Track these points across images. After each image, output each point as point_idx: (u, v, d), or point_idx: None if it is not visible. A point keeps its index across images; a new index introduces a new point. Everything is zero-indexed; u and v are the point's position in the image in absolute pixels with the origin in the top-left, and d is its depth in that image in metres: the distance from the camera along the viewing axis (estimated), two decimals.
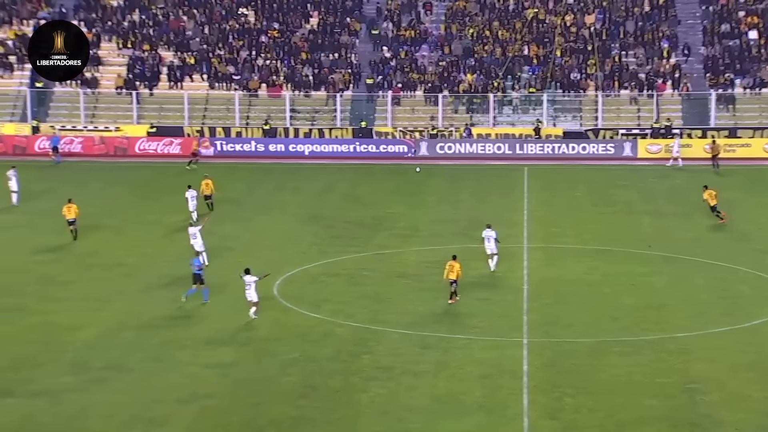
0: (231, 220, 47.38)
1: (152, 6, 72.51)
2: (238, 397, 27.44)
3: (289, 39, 71.27)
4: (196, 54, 69.71)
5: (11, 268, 39.03)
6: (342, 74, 69.29)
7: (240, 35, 71.36)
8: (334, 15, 73.12)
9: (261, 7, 73.14)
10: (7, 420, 25.70)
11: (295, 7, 73.53)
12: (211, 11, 72.59)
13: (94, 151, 63.75)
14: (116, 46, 70.26)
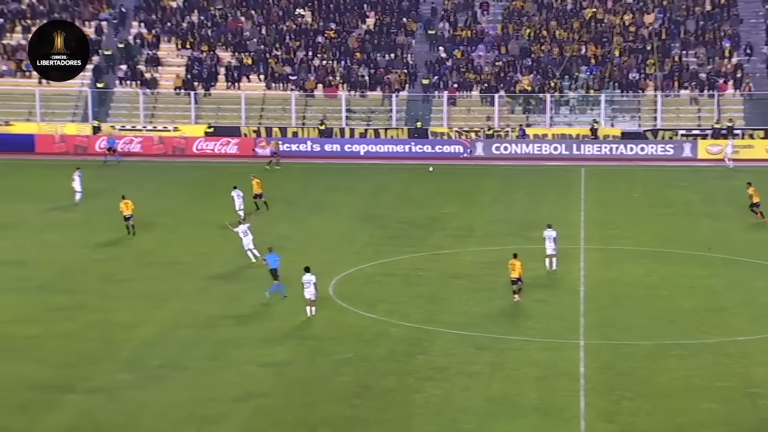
0: (285, 219, 47.55)
1: (211, 7, 73.09)
2: (292, 396, 27.46)
3: (346, 39, 71.39)
4: (253, 54, 70.12)
5: (72, 266, 39.51)
6: (398, 74, 69.24)
7: (297, 36, 71.63)
8: (391, 15, 73.10)
9: (318, 7, 73.36)
10: (67, 416, 25.99)
11: (352, 7, 73.63)
12: (269, 12, 72.97)
13: (152, 151, 64.39)
14: (175, 47, 70.91)
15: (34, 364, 29.15)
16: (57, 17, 71.28)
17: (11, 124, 65.75)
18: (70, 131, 65.32)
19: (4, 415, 25.78)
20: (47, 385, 27.69)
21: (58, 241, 43.10)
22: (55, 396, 27.03)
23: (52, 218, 46.93)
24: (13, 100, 67.54)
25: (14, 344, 30.81)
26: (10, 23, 70.64)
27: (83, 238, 43.64)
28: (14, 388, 27.35)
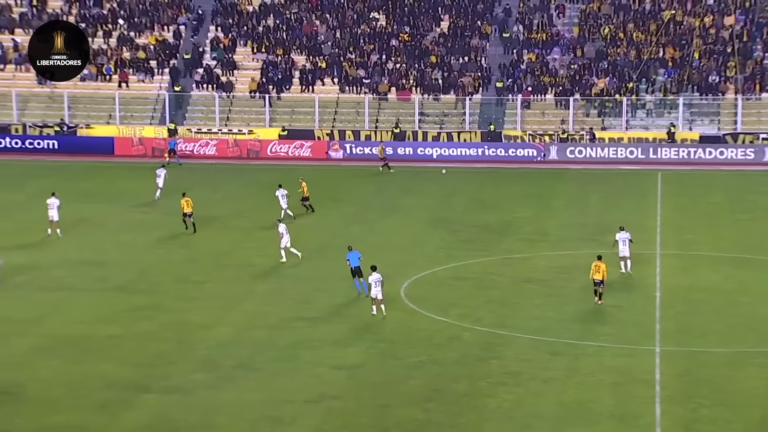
0: (357, 222, 47.71)
1: (286, 11, 73.69)
2: (364, 398, 27.50)
3: (420, 42, 71.39)
4: (327, 58, 70.51)
5: (149, 267, 40.10)
6: (472, 77, 69.02)
7: (371, 39, 71.85)
8: (465, 18, 72.91)
9: (392, 11, 73.49)
10: (143, 415, 26.38)
11: (427, 10, 73.63)
12: (343, 16, 73.31)
13: (227, 154, 65.12)
14: (251, 51, 71.64)
15: (112, 364, 29.65)
16: (137, 22, 72.56)
17: (92, 126, 67.05)
18: (148, 134, 66.40)
19: (83, 413, 26.27)
20: (125, 385, 28.14)
21: (136, 242, 43.80)
22: (133, 395, 27.46)
23: (131, 219, 47.71)
24: (93, 103, 68.88)
25: (93, 344, 31.37)
26: (92, 28, 72.04)
27: (160, 239, 44.29)
28: (93, 387, 27.85)
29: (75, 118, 67.77)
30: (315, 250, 41.56)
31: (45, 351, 30.70)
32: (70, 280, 37.86)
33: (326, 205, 51.30)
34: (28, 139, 65.67)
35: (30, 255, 41.25)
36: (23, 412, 26.25)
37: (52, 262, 40.04)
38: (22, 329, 32.55)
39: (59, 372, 29.03)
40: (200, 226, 45.67)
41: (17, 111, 67.50)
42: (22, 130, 66.47)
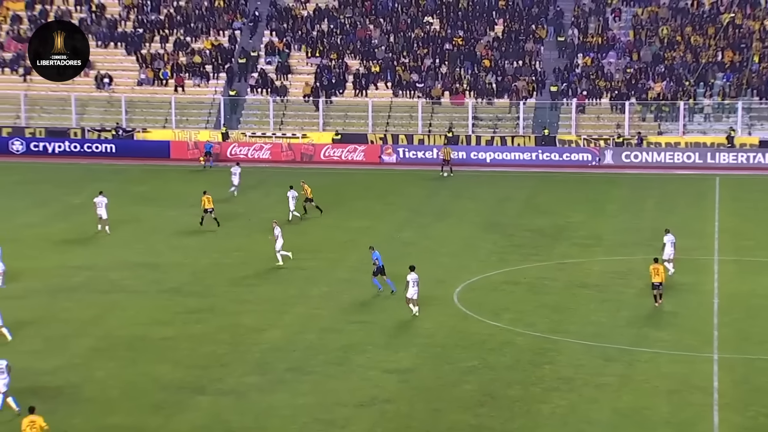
0: (409, 226, 47.71)
1: (340, 15, 73.96)
2: (416, 402, 27.47)
3: (474, 47, 71.24)
4: (381, 62, 70.65)
5: (203, 270, 40.42)
6: (526, 82, 68.72)
7: (424, 43, 71.86)
8: (520, 22, 72.62)
9: (446, 15, 73.43)
10: (198, 416, 26.60)
11: (481, 14, 73.45)
12: (397, 20, 73.41)
13: (281, 158, 65.51)
14: (305, 55, 72.02)
15: (167, 366, 29.93)
16: (194, 27, 73.30)
17: (148, 131, 67.87)
18: (203, 138, 67.02)
19: (139, 414, 26.55)
20: (179, 386, 28.39)
21: (191, 244, 44.21)
22: (187, 397, 27.70)
23: (185, 222, 48.15)
24: (150, 107, 69.70)
25: (148, 346, 31.69)
26: (149, 33, 72.93)
27: (214, 242, 44.64)
28: (148, 389, 28.13)
29: (132, 122, 68.65)
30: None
31: (101, 352, 31.09)
32: (126, 282, 38.30)
33: (379, 210, 51.39)
34: (87, 142, 66.64)
35: (87, 257, 41.83)
36: (80, 412, 26.59)
37: (108, 264, 40.55)
38: (80, 330, 33.01)
39: (115, 373, 29.37)
40: (254, 230, 46.04)
41: (76, 115, 68.53)
42: (81, 134, 67.46)
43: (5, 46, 71.91)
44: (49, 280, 38.34)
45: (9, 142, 66.20)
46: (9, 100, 69.13)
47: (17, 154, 65.68)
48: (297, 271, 40.10)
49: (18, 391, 27.85)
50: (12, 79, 70.22)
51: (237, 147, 66.07)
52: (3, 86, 70.11)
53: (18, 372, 29.14)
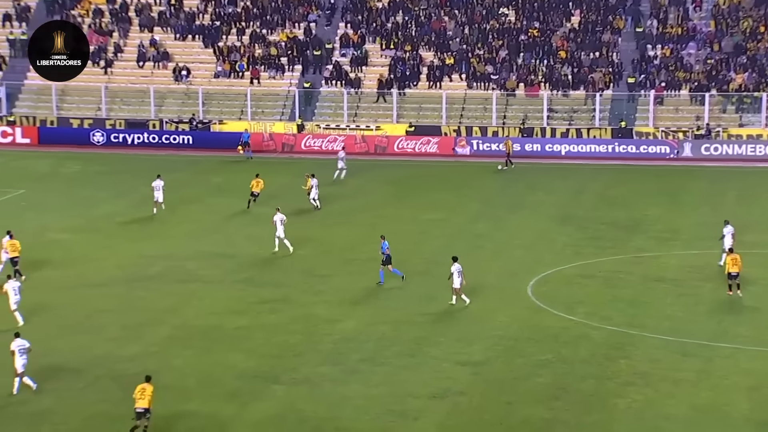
0: (483, 218, 47.47)
1: (415, 7, 73.84)
2: (489, 395, 27.33)
3: (549, 38, 70.55)
4: (455, 54, 70.36)
5: (277, 260, 40.70)
6: (602, 73, 67.85)
7: (500, 35, 71.38)
8: (597, 13, 71.72)
9: (522, 6, 72.84)
10: (272, 405, 26.82)
11: (557, 5, 72.69)
12: (472, 11, 73.03)
13: (354, 149, 65.63)
14: (379, 47, 72.06)
15: (241, 355, 30.22)
16: (270, 19, 73.82)
17: (224, 122, 68.59)
18: (278, 129, 67.49)
19: (214, 402, 26.86)
20: (254, 375, 28.66)
21: (265, 235, 44.47)
22: (262, 386, 27.94)
23: (260, 213, 48.50)
24: (226, 99, 70.41)
25: (223, 335, 32.04)
26: (226, 26, 73.66)
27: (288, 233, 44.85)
28: (223, 378, 28.44)
29: (209, 114, 69.41)
30: (441, 247, 41.46)
31: (178, 341, 31.52)
32: (201, 272, 38.76)
33: (452, 202, 51.24)
34: (165, 134, 67.60)
35: (164, 247, 42.43)
36: (158, 399, 26.89)
37: (185, 254, 41.07)
38: (158, 319, 33.50)
39: (191, 361, 29.75)
40: (330, 222, 46.24)
41: (154, 107, 69.55)
42: (159, 126, 68.46)
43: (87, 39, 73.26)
44: (127, 269, 38.97)
45: (90, 134, 67.48)
46: (90, 92, 70.43)
47: (98, 145, 66.91)
48: (370, 263, 40.10)
49: (97, 378, 28.42)
50: (93, 71, 71.47)
51: (311, 139, 66.41)
52: (85, 79, 71.27)
53: (98, 359, 29.75)
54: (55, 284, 36.94)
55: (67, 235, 44.04)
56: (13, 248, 37.34)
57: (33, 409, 26.36)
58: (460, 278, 34.03)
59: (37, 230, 44.55)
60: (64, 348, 30.65)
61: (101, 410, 26.34)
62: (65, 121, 68.78)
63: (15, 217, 47.17)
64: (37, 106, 70.39)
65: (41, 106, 70.26)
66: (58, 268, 38.95)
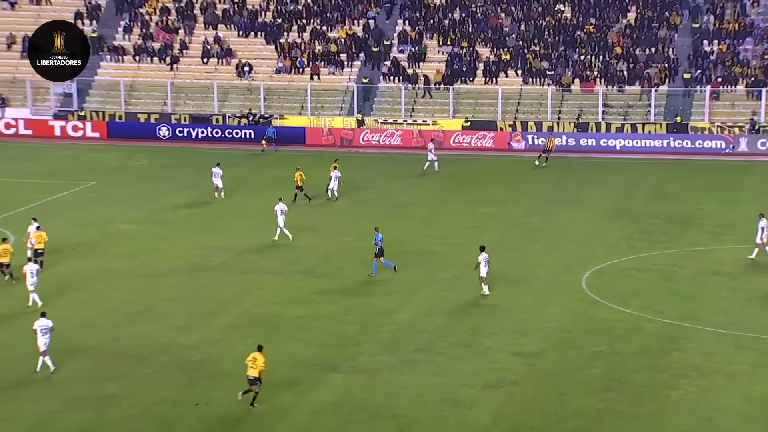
0: (537, 212, 47.19)
1: (472, 4, 73.54)
2: (543, 386, 27.21)
3: (605, 34, 69.84)
4: (511, 50, 69.97)
5: (335, 252, 40.88)
6: (658, 69, 67.00)
7: (555, 31, 70.82)
8: (653, 9, 70.82)
9: (578, 2, 72.20)
10: (331, 393, 26.97)
11: (613, 2, 71.93)
12: (529, 8, 72.54)
13: (411, 144, 65.60)
14: (437, 44, 71.90)
15: (300, 344, 30.43)
16: (329, 16, 74.02)
17: (285, 117, 68.96)
18: (337, 124, 67.70)
19: (274, 389, 27.05)
20: (312, 363, 28.84)
21: (323, 227, 44.76)
22: (320, 374, 28.10)
23: (318, 206, 48.77)
24: (287, 95, 70.75)
25: (283, 324, 32.27)
26: (287, 23, 74.02)
27: (345, 225, 45.09)
28: (283, 365, 28.63)
29: (270, 109, 69.83)
30: (495, 240, 41.30)
31: (239, 329, 31.80)
32: (262, 263, 39.05)
33: (506, 196, 51.01)
34: (227, 128, 68.17)
35: (227, 238, 42.81)
36: (220, 386, 27.29)
37: (246, 246, 41.40)
38: (220, 308, 33.84)
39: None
40: (384, 214, 46.36)
41: (217, 102, 70.15)
42: (222, 120, 69.06)
43: (154, 36, 74.11)
44: (191, 260, 39.40)
45: (156, 128, 68.30)
46: (157, 88, 71.27)
47: (164, 139, 67.70)
48: (426, 255, 40.17)
49: (162, 365, 28.80)
50: (160, 68, 72.32)
51: (369, 133, 66.51)
52: (151, 75, 72.34)
53: (162, 346, 30.14)
54: (121, 274, 37.49)
55: (132, 226, 44.66)
56: (39, 239, 37.18)
57: (100, 394, 26.80)
58: (486, 267, 34.29)
59: (104, 221, 45.27)
60: (130, 335, 31.12)
61: (165, 396, 26.70)
62: (133, 116, 69.67)
63: (85, 208, 48.01)
64: (107, 101, 71.41)
65: (110, 101, 71.27)
66: (124, 258, 39.52)
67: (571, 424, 25.01)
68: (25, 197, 49.51)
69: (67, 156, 61.70)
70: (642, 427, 24.82)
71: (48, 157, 61.42)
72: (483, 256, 34.49)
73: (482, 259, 34.40)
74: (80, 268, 38.14)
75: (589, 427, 24.86)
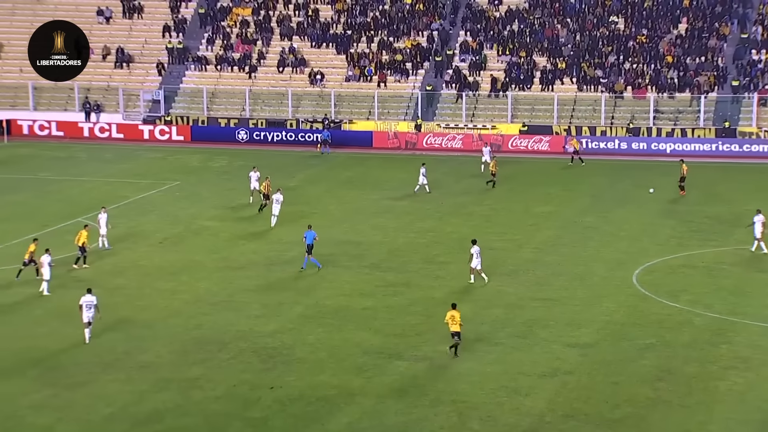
0: (591, 212, 46.65)
1: (530, 16, 72.99)
2: (596, 375, 26.89)
3: (657, 44, 68.79)
4: (567, 59, 69.30)
5: (400, 248, 40.85)
6: (707, 76, 65.78)
7: (609, 41, 69.96)
8: (703, 20, 69.56)
9: (631, 14, 71.23)
10: (395, 379, 26.97)
11: (665, 13, 70.82)
12: (584, 20, 71.76)
13: (472, 147, 65.34)
14: (496, 53, 71.49)
15: (368, 333, 30.48)
16: (396, 28, 74.03)
17: (354, 122, 69.15)
18: (402, 129, 67.69)
19: (343, 375, 27.18)
20: (379, 351, 28.86)
21: (389, 225, 44.77)
22: (385, 361, 28.12)
23: (384, 205, 48.83)
24: (356, 101, 70.96)
25: (351, 314, 32.35)
26: (356, 34, 74.22)
27: (410, 223, 45.04)
28: (352, 353, 28.73)
29: (340, 114, 70.10)
30: (552, 237, 40.95)
31: (311, 318, 31.96)
32: (332, 257, 39.16)
33: (562, 196, 50.53)
34: (300, 132, 68.58)
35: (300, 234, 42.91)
36: (293, 371, 27.47)
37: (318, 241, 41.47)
38: (294, 299, 34.04)
39: (322, 338, 30.15)
40: (447, 212, 46.16)
41: (291, 108, 70.63)
42: (296, 125, 69.49)
43: (235, 47, 74.85)
44: (267, 254, 39.70)
45: (236, 132, 68.99)
46: (236, 95, 72.00)
47: (242, 142, 68.35)
48: (485, 251, 39.83)
49: (241, 350, 29.07)
50: (239, 76, 73.02)
51: (432, 137, 66.37)
52: (231, 82, 73.07)
53: (241, 333, 30.44)
54: (204, 266, 37.92)
55: (214, 223, 45.15)
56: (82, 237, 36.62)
57: (185, 376, 27.15)
58: (478, 259, 34.55)
59: (189, 217, 45.85)
60: (212, 323, 31.47)
61: (244, 379, 26.95)
62: (214, 120, 70.48)
63: (171, 205, 48.68)
64: (190, 107, 72.33)
65: (194, 107, 72.18)
66: (207, 251, 39.96)
67: (623, 411, 24.68)
68: (119, 195, 50.39)
69: (155, 157, 62.63)
70: (691, 415, 24.40)
71: (138, 158, 62.42)
72: (475, 248, 34.84)
73: (474, 251, 34.74)
74: (167, 260, 38.68)
75: (640, 415, 24.51)
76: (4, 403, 25.38)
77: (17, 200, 49.43)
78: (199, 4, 77.86)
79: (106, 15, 77.63)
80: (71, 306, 32.40)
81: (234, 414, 24.80)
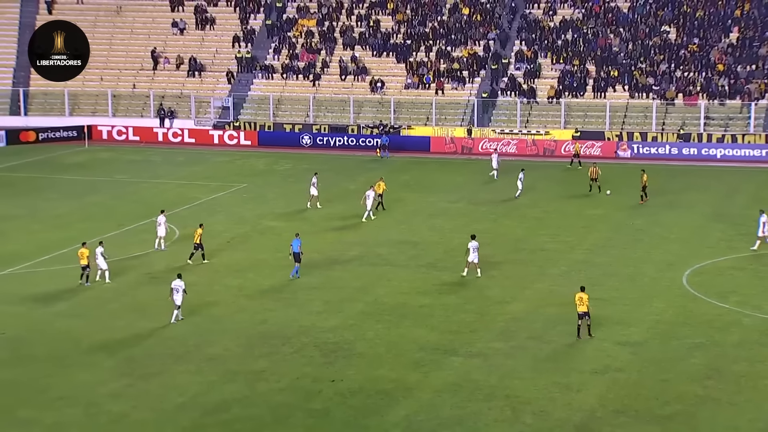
0: (641, 215, 46.03)
1: (584, 26, 72.28)
2: (646, 373, 26.53)
3: (708, 53, 67.61)
4: (619, 67, 68.48)
5: (455, 248, 40.52)
6: (758, 84, 64.44)
7: (661, 50, 68.95)
8: (754, 29, 68.17)
9: (683, 24, 70.13)
10: (450, 374, 26.93)
11: (716, 23, 69.58)
12: (636, 29, 70.86)
13: (526, 152, 64.93)
14: (550, 62, 70.93)
15: (424, 329, 30.45)
16: (454, 38, 73.87)
17: (412, 127, 69.17)
18: (458, 134, 67.52)
19: (401, 369, 27.21)
20: (434, 347, 28.82)
21: (445, 226, 44.69)
22: (441, 357, 28.07)
23: (440, 207, 48.76)
24: (414, 107, 70.99)
25: (408, 312, 32.35)
26: (415, 44, 74.27)
27: (465, 224, 44.86)
28: (409, 349, 28.74)
29: (399, 120, 70.18)
30: (603, 239, 40.51)
31: (370, 315, 32.04)
32: (391, 257, 39.24)
33: (614, 200, 49.93)
34: (361, 137, 68.79)
35: (360, 234, 43.21)
36: (353, 365, 27.57)
37: (377, 241, 41.67)
38: (354, 296, 34.16)
39: (381, 333, 30.20)
40: (501, 214, 45.89)
41: (353, 114, 70.91)
42: (357, 130, 69.73)
43: (300, 56, 75.41)
44: (328, 253, 39.89)
45: (300, 137, 69.46)
46: (301, 102, 72.53)
47: (306, 147, 68.81)
48: (538, 252, 39.67)
49: (303, 345, 29.26)
50: (304, 84, 73.55)
51: (488, 142, 66.10)
52: (296, 90, 73.65)
53: (304, 328, 30.66)
54: (269, 264, 38.26)
55: (279, 223, 45.52)
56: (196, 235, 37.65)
57: (251, 368, 27.42)
58: (475, 254, 34.68)
59: (255, 218, 46.31)
60: (276, 319, 31.73)
61: (307, 372, 27.13)
62: (279, 126, 71.06)
63: (238, 206, 49.22)
64: (257, 113, 73.04)
65: (260, 113, 72.87)
66: (272, 250, 40.30)
67: (673, 408, 24.31)
68: (190, 196, 51.11)
69: (224, 161, 63.36)
70: (741, 413, 23.94)
71: (207, 161, 63.21)
72: (473, 243, 34.84)
73: (471, 247, 34.71)
74: (235, 258, 39.11)
75: (689, 412, 24.11)
76: (84, 391, 25.91)
77: (96, 201, 50.42)
78: (267, 15, 78.61)
79: (180, 27, 78.79)
80: (145, 301, 32.95)
81: (297, 405, 24.98)
